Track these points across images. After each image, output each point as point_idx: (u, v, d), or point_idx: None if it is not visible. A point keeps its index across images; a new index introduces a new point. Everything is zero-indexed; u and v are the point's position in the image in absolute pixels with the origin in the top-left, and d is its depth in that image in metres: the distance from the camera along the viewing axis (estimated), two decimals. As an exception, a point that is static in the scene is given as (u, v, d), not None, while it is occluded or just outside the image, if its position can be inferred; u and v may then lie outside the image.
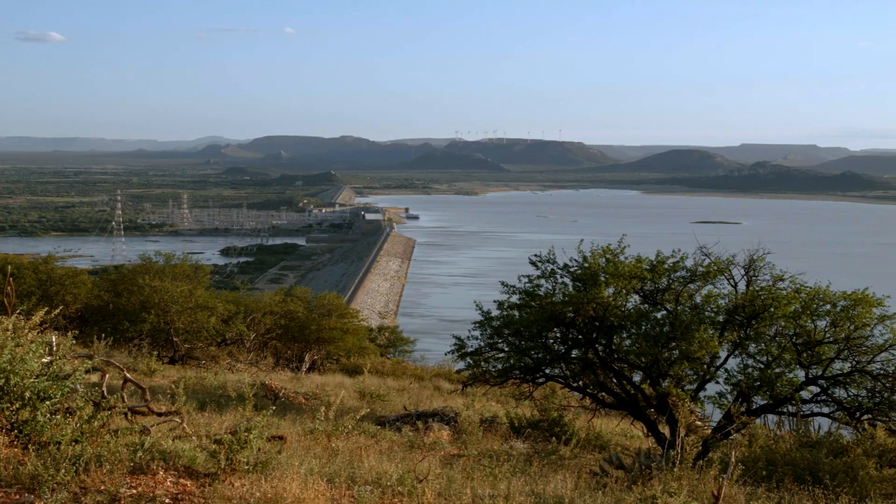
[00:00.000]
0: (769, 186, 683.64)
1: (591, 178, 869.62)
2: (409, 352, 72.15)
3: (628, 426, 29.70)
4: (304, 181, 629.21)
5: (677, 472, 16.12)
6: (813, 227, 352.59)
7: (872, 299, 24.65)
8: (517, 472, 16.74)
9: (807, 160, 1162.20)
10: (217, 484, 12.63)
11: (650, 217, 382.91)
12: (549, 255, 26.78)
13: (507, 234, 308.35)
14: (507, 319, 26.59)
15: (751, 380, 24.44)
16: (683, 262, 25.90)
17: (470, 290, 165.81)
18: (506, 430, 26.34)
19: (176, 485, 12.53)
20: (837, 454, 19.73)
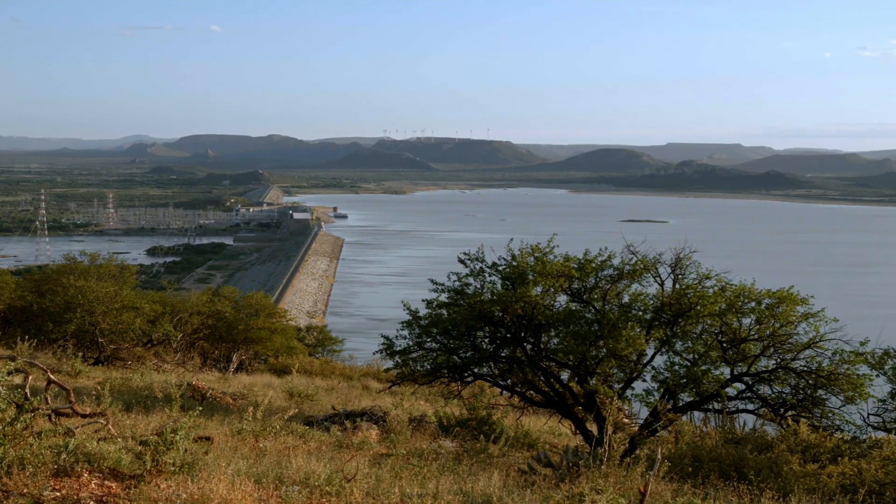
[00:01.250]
0: (695, 185, 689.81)
1: (520, 177, 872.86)
2: (337, 351, 71.91)
3: (556, 424, 29.80)
4: (232, 180, 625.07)
5: (605, 469, 16.20)
6: (738, 225, 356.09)
7: (797, 297, 24.96)
8: (446, 470, 16.74)
9: (731, 159, 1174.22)
10: (143, 485, 12.51)
11: (578, 216, 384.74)
12: (477, 254, 26.83)
13: (436, 233, 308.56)
14: (435, 318, 26.60)
15: (677, 377, 24.64)
16: (611, 260, 26.06)
17: (398, 289, 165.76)
18: (434, 429, 26.32)
19: (101, 487, 12.40)
20: (762, 450, 19.94)
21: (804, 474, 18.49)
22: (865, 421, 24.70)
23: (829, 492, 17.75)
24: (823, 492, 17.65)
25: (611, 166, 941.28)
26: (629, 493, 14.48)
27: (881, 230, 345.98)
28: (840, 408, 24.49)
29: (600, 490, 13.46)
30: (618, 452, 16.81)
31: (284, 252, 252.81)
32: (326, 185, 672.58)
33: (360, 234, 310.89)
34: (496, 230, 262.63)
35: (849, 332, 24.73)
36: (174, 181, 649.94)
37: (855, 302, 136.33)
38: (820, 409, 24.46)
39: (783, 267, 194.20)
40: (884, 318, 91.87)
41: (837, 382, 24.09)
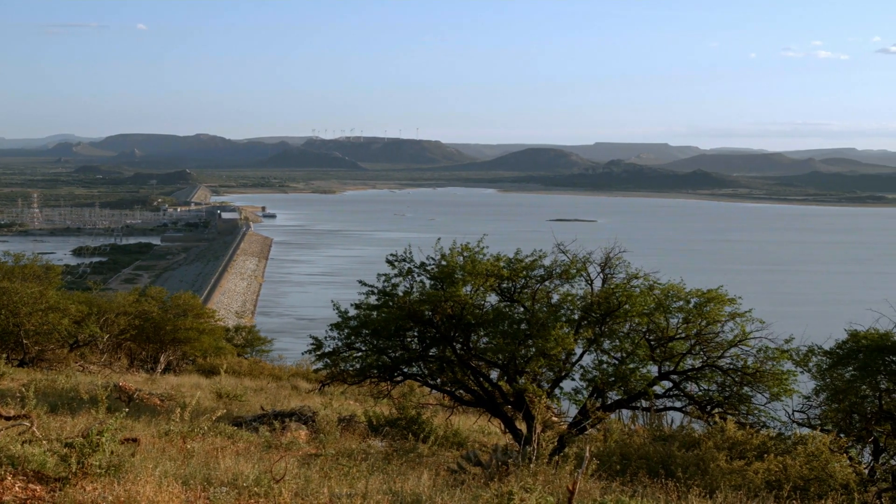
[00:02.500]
0: (623, 184, 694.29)
1: (449, 176, 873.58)
2: (266, 351, 71.47)
3: (486, 423, 29.86)
4: (159, 180, 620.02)
5: (534, 467, 16.26)
6: (666, 224, 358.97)
7: (724, 297, 25.21)
8: (375, 470, 16.70)
9: (659, 159, 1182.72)
10: (68, 488, 12.37)
11: (507, 215, 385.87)
12: (406, 254, 26.80)
13: (365, 233, 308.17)
14: (365, 319, 26.53)
15: (606, 375, 24.79)
16: (541, 260, 26.15)
17: (327, 288, 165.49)
18: (364, 428, 26.28)
19: (25, 490, 12.25)
20: (689, 447, 20.11)
21: (731, 471, 18.67)
22: (790, 417, 25.00)
23: (755, 488, 17.94)
24: (749, 488, 17.82)
25: (539, 166, 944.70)
26: (558, 492, 14.53)
27: (805, 229, 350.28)
28: (766, 404, 24.79)
29: (529, 488, 13.49)
30: (547, 451, 16.88)
31: (213, 252, 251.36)
32: (255, 184, 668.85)
33: (288, 233, 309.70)
34: (425, 230, 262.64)
35: (774, 330, 25.03)
36: (100, 181, 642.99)
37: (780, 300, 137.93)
38: (746, 406, 24.74)
39: (710, 266, 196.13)
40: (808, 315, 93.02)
41: (763, 379, 24.39)
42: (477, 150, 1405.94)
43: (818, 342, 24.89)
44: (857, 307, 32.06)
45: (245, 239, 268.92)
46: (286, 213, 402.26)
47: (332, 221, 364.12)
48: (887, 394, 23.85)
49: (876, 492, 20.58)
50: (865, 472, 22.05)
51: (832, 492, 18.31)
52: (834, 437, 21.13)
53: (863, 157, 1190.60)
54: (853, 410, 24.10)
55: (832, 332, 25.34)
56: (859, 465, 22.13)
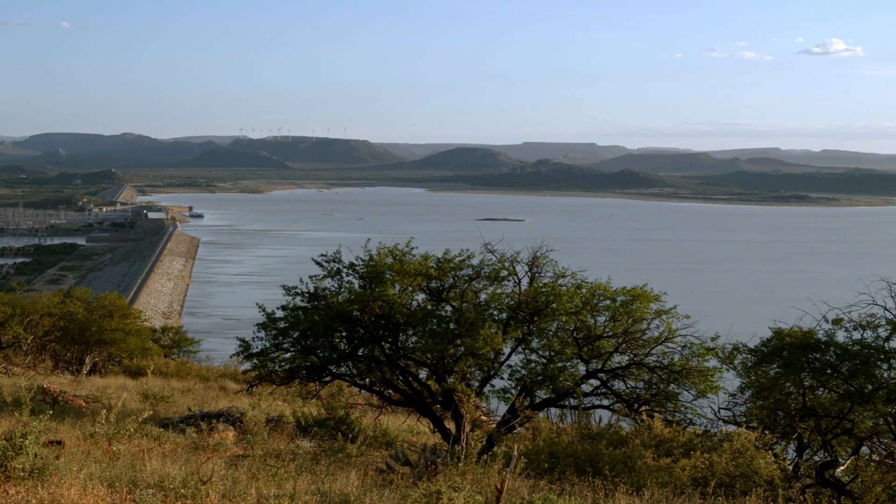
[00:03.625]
0: (551, 184, 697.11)
1: (377, 175, 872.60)
2: (194, 352, 70.96)
3: (415, 423, 29.86)
4: (84, 179, 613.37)
5: (462, 466, 16.28)
6: (593, 223, 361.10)
7: (650, 295, 25.43)
8: (303, 471, 16.65)
9: (586, 158, 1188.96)
10: (-9, 492, 12.21)
11: (436, 215, 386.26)
12: (334, 254, 26.73)
13: (293, 233, 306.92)
14: (292, 320, 26.42)
15: (534, 374, 24.90)
16: (470, 260, 26.20)
17: (255, 288, 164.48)
18: (292, 429, 26.18)
19: (-53, 495, 12.07)
20: (617, 445, 20.25)
21: (657, 468, 18.83)
22: (716, 415, 25.28)
23: (682, 485, 18.10)
24: (676, 485, 17.98)
25: (468, 165, 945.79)
26: (486, 490, 14.56)
27: (730, 228, 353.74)
28: (692, 402, 25.06)
29: (457, 487, 13.51)
30: (475, 450, 16.90)
31: (139, 252, 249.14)
32: (182, 184, 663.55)
33: (216, 233, 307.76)
34: (354, 229, 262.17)
35: (700, 328, 25.29)
36: (24, 180, 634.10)
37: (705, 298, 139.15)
38: (673, 403, 24.99)
39: (637, 265, 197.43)
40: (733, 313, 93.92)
41: (689, 377, 24.64)
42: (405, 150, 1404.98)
43: (743, 340, 25.16)
44: (780, 305, 32.39)
45: (172, 239, 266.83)
46: (214, 212, 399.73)
47: (259, 221, 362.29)
48: (811, 391, 24.15)
49: (800, 488, 20.85)
50: (790, 469, 22.33)
51: (757, 488, 18.51)
52: (759, 434, 21.36)
53: (787, 157, 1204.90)
54: (778, 407, 24.39)
55: (757, 330, 25.61)
56: (784, 461, 22.43)
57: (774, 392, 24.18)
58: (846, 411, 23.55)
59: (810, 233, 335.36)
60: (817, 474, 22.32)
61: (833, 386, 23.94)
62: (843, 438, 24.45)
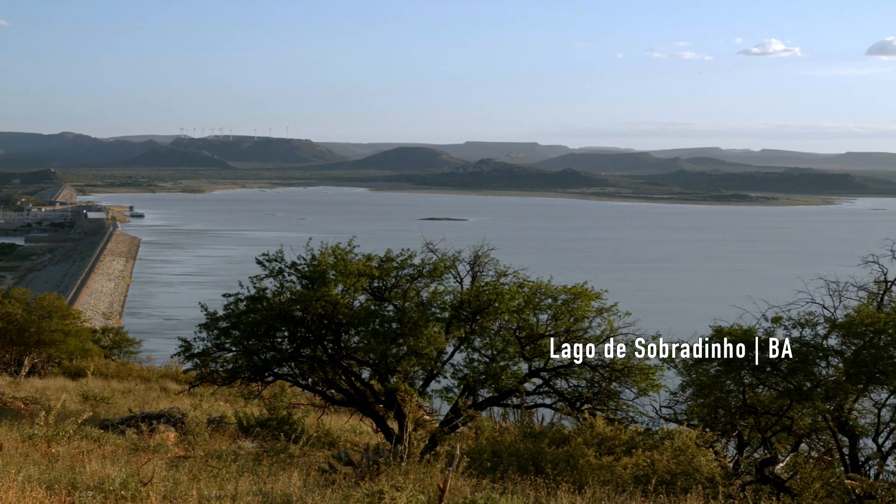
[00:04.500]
0: (493, 183, 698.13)
1: (320, 175, 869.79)
2: (134, 353, 70.37)
3: (358, 423, 29.83)
4: (22, 179, 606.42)
5: (405, 466, 16.28)
6: (535, 223, 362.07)
7: (591, 293, 25.54)
8: (245, 471, 16.57)
9: (528, 158, 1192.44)
10: (-72, 496, 12.07)
11: (378, 214, 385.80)
12: (276, 255, 26.60)
13: (235, 232, 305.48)
14: (235, 320, 26.29)
15: (477, 373, 24.92)
16: (411, 259, 26.18)
17: (197, 289, 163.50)
18: (234, 429, 26.07)
19: None
20: (559, 444, 20.33)
21: (599, 466, 18.93)
22: (658, 413, 25.45)
23: (623, 483, 18.20)
24: (618, 483, 18.08)
25: (411, 165, 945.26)
26: (429, 490, 14.57)
27: (671, 227, 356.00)
28: (634, 400, 25.19)
29: (400, 487, 13.51)
30: (418, 449, 16.92)
31: (79, 252, 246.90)
32: (122, 183, 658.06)
33: (157, 233, 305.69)
34: (296, 229, 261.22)
35: (641, 326, 25.42)
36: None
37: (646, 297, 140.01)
38: (615, 401, 25.12)
39: (578, 263, 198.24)
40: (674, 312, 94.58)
41: (631, 375, 24.76)
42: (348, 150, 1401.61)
43: (684, 338, 25.33)
44: (721, 304, 32.65)
45: (112, 239, 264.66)
46: (155, 212, 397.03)
47: (201, 221, 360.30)
48: (751, 388, 24.37)
49: (740, 485, 21.02)
50: (730, 466, 22.53)
51: (698, 485, 18.64)
52: (700, 432, 21.54)
53: (727, 157, 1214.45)
54: (718, 405, 24.59)
55: (697, 329, 25.80)
56: (724, 458, 22.62)
57: (715, 390, 24.37)
58: (785, 409, 23.78)
59: (750, 232, 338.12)
60: (757, 471, 22.53)
61: (772, 384, 24.17)
62: (782, 436, 24.70)
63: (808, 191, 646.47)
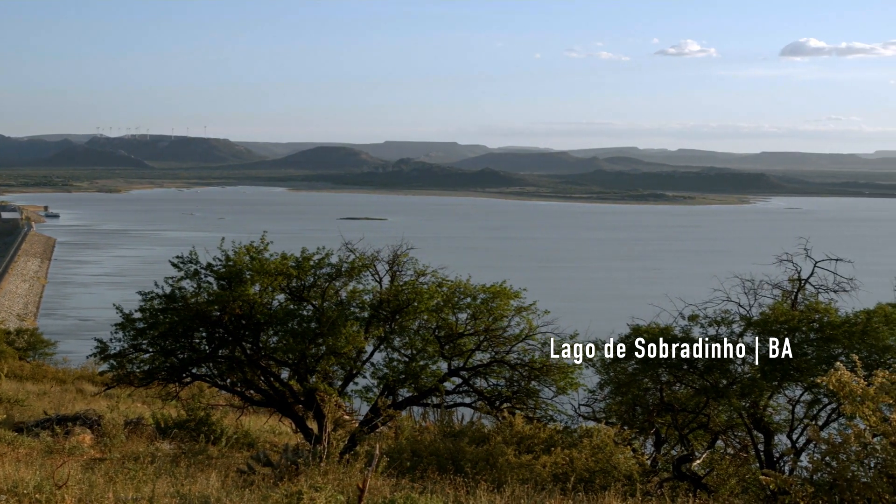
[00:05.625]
0: (413, 183, 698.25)
1: (238, 175, 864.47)
2: (50, 354, 69.53)
3: (277, 423, 29.70)
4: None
5: (324, 466, 16.24)
6: (454, 222, 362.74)
7: (510, 292, 25.64)
8: (163, 473, 16.44)
9: (448, 157, 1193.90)
10: None
11: (297, 214, 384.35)
12: (191, 256, 26.34)
13: (152, 233, 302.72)
14: (151, 320, 26.03)
15: (396, 373, 24.95)
16: (329, 258, 26.10)
17: (113, 289, 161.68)
18: (152, 431, 25.85)
19: None
20: (479, 443, 20.38)
21: (519, 465, 19.00)
22: (576, 411, 25.64)
23: (542, 481, 18.28)
24: (536, 481, 18.16)
25: (329, 164, 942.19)
26: (348, 490, 14.54)
27: (589, 226, 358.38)
28: (553, 398, 25.34)
29: (319, 487, 13.48)
30: (337, 449, 16.90)
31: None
32: (37, 183, 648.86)
33: (73, 233, 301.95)
34: (214, 229, 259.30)
35: (560, 325, 25.58)
36: None
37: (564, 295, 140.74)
38: (534, 400, 25.25)
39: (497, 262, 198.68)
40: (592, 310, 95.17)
41: (550, 374, 24.90)
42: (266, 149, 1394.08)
43: (602, 337, 25.52)
44: (638, 302, 32.95)
45: (26, 239, 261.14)
46: (70, 212, 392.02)
47: (118, 221, 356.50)
48: (668, 386, 24.63)
49: (658, 482, 21.22)
50: (648, 463, 22.73)
51: (616, 483, 18.77)
52: (618, 430, 21.71)
53: (644, 156, 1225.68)
54: (636, 403, 24.84)
55: (615, 327, 26.01)
56: (642, 456, 22.82)
57: (632, 388, 24.60)
58: (702, 406, 24.07)
59: (667, 231, 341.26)
60: (674, 468, 22.77)
61: (689, 381, 24.44)
62: (699, 433, 25.00)
63: (723, 190, 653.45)
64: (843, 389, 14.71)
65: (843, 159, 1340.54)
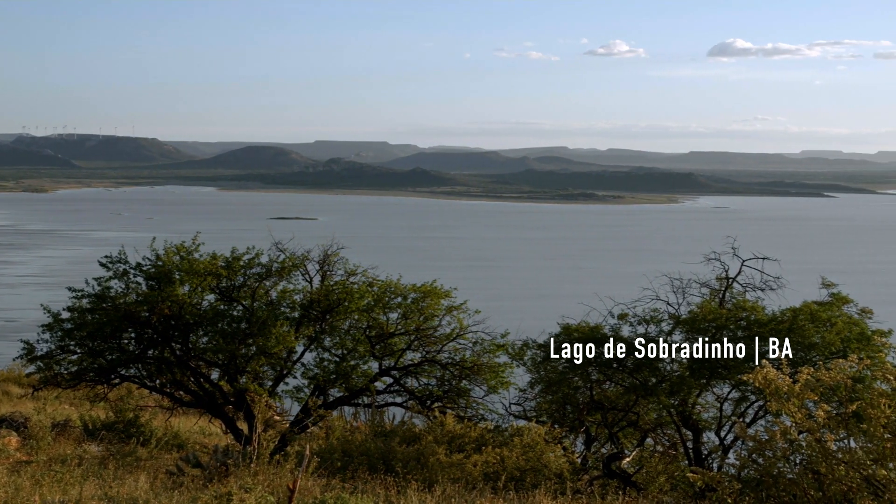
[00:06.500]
0: (344, 182, 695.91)
1: (167, 174, 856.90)
2: (-26, 357, 68.75)
3: (207, 424, 29.52)
4: None
5: (254, 467, 16.18)
6: (385, 222, 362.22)
7: (440, 291, 25.68)
8: (90, 475, 16.28)
9: (379, 156, 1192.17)
10: None
11: (227, 213, 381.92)
12: (120, 256, 26.10)
13: (80, 233, 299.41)
14: (79, 321, 25.76)
15: (327, 373, 24.91)
16: (259, 258, 25.98)
17: (40, 290, 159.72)
18: (80, 433, 25.59)
19: None
20: (410, 442, 20.39)
21: (450, 464, 19.03)
22: (507, 410, 25.74)
23: (473, 480, 18.32)
24: (467, 480, 18.19)
25: (260, 163, 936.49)
26: (278, 491, 14.50)
27: (520, 226, 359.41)
28: (484, 397, 25.41)
29: (249, 488, 13.43)
30: (268, 450, 16.83)
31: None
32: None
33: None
34: (143, 228, 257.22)
35: (490, 324, 25.65)
36: None
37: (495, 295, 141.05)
38: (465, 399, 25.31)
39: (428, 262, 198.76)
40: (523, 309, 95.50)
41: (480, 373, 24.98)
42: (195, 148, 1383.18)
43: (532, 336, 25.65)
44: (569, 301, 33.12)
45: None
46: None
47: (44, 221, 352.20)
48: (598, 385, 24.79)
49: (588, 480, 21.35)
50: (578, 461, 22.86)
51: (547, 481, 18.86)
52: (548, 428, 21.80)
53: (574, 156, 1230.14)
54: (566, 401, 24.99)
55: (545, 326, 26.13)
56: (572, 454, 22.94)
57: (563, 386, 24.74)
58: (631, 404, 24.25)
59: (597, 230, 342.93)
60: (604, 466, 22.92)
61: (619, 380, 24.61)
62: (628, 431, 25.21)
63: (653, 190, 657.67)
64: (770, 387, 14.86)
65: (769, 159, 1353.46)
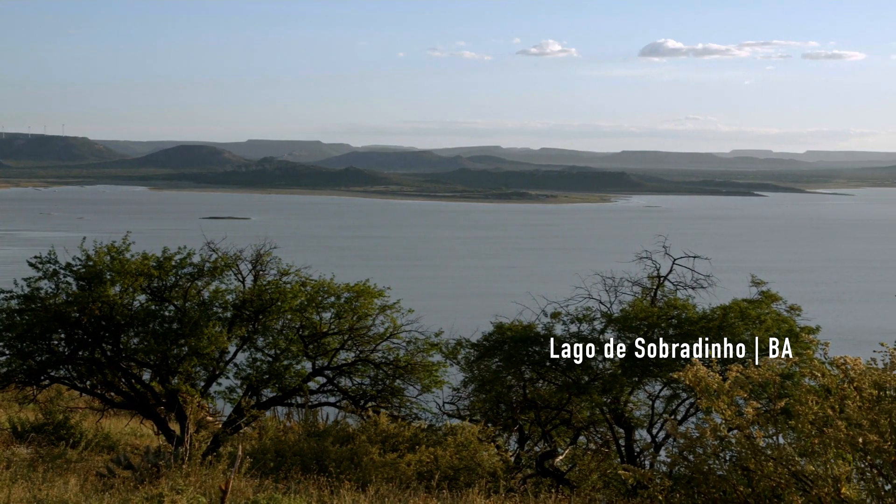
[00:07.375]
0: (276, 182, 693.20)
1: (98, 174, 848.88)
2: None
3: (139, 425, 29.29)
4: None
5: (186, 468, 16.07)
6: (318, 221, 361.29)
7: (374, 290, 25.67)
8: (19, 478, 16.10)
9: (311, 156, 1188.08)
10: None
11: (159, 213, 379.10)
12: (49, 256, 25.84)
13: (8, 233, 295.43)
14: (7, 322, 25.46)
15: (260, 373, 24.82)
16: (190, 258, 25.83)
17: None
18: (8, 435, 25.31)
19: None
20: (343, 442, 20.37)
21: (383, 464, 19.03)
22: (441, 409, 25.79)
23: (407, 479, 18.33)
24: (401, 479, 18.19)
25: (192, 163, 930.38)
26: (211, 492, 14.42)
27: (453, 225, 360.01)
28: (417, 397, 25.45)
29: (180, 490, 13.35)
30: (200, 451, 16.72)
31: None
32: None
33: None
34: (74, 229, 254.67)
35: (424, 324, 25.68)
36: None
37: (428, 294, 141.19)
38: (399, 398, 25.33)
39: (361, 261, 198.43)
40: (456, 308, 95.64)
41: (414, 372, 25.03)
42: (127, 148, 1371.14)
43: (466, 335, 25.73)
44: (501, 300, 33.24)
45: None
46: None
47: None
48: (531, 383, 24.90)
49: (521, 478, 21.43)
50: (512, 460, 22.94)
51: (480, 480, 18.89)
52: (482, 427, 21.85)
53: (507, 155, 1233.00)
54: (500, 400, 25.06)
55: (479, 325, 26.21)
56: (506, 452, 23.02)
57: (496, 385, 24.82)
58: (564, 402, 24.36)
59: (530, 229, 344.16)
60: (537, 464, 23.03)
61: (552, 378, 24.72)
62: (561, 429, 25.33)
63: (585, 189, 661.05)
64: (700, 384, 14.98)
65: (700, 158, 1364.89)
